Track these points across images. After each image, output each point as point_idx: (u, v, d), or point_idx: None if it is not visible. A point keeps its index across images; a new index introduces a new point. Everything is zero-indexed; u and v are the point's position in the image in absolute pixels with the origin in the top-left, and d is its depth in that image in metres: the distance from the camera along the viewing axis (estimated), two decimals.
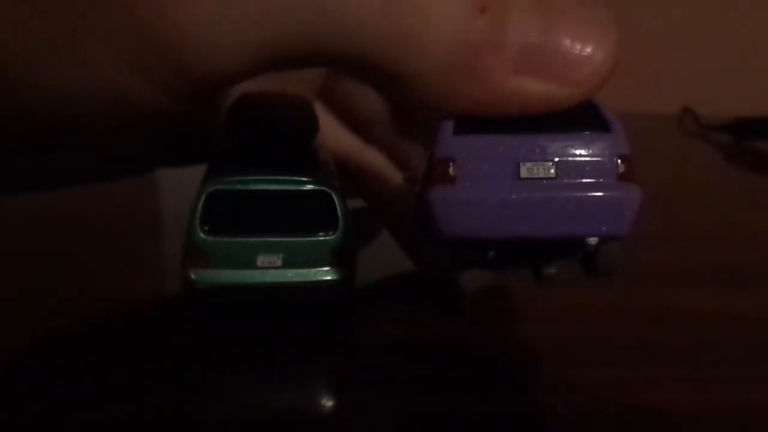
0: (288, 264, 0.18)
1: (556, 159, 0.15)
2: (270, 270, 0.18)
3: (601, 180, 0.15)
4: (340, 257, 0.18)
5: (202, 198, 0.18)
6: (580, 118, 0.15)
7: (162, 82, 0.14)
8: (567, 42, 0.14)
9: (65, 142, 0.16)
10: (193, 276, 0.18)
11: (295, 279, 0.18)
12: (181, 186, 0.21)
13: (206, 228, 0.18)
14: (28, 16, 0.14)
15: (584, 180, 0.15)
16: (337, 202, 0.18)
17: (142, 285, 0.22)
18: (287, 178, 0.18)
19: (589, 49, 0.15)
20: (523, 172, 0.15)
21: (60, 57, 0.14)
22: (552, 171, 0.15)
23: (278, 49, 0.14)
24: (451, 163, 0.15)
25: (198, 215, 0.18)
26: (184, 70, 0.14)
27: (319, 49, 0.14)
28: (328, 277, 0.18)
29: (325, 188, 0.18)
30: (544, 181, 0.15)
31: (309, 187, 0.18)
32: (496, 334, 0.20)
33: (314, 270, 0.18)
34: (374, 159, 0.23)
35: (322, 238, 0.18)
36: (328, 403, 0.17)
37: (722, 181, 0.40)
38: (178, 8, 0.13)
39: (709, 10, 0.61)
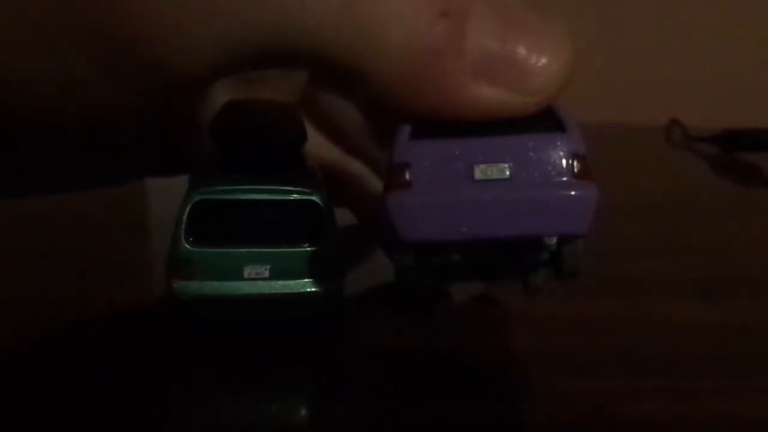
0: (276, 275, 0.18)
1: (511, 160, 0.15)
2: (257, 281, 0.17)
3: (556, 179, 0.15)
4: (328, 267, 0.18)
5: (188, 208, 0.17)
6: (535, 119, 0.15)
7: (130, 81, 0.14)
8: (523, 51, 0.15)
9: (34, 140, 0.16)
10: (177, 287, 0.17)
11: (283, 290, 0.18)
12: (168, 194, 0.21)
13: (191, 239, 0.17)
14: None
15: (540, 180, 0.15)
16: (325, 212, 0.18)
17: (126, 294, 0.22)
18: (275, 187, 0.18)
19: (544, 60, 0.15)
20: (478, 174, 0.15)
21: (26, 52, 0.14)
22: (507, 172, 0.15)
23: (243, 46, 0.14)
24: (407, 168, 0.15)
25: (183, 225, 0.17)
26: (151, 68, 0.14)
27: (282, 46, 0.14)
28: (317, 288, 0.18)
29: (313, 198, 0.18)
30: (499, 183, 0.15)
31: (297, 196, 0.18)
32: (482, 344, 0.19)
33: (302, 281, 0.18)
34: (356, 169, 0.23)
35: (310, 249, 0.18)
36: (314, 413, 0.16)
37: (709, 192, 0.40)
38: (142, 6, 0.13)
39: (697, 21, 0.62)
